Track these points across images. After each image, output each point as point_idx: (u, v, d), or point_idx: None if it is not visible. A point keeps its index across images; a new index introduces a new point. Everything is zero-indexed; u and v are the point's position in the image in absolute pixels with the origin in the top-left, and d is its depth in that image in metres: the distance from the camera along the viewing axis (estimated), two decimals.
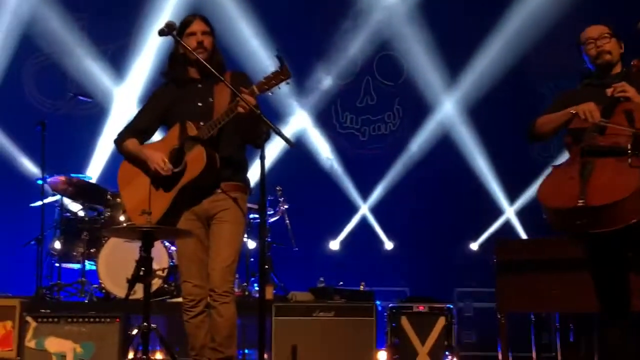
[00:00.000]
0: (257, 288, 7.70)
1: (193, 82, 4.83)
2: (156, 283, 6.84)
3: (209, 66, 4.56)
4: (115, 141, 4.97)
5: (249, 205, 7.99)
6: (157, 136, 5.08)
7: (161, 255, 7.13)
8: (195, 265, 4.72)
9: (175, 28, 4.59)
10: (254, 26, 9.71)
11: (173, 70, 4.88)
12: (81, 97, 8.81)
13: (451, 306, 6.87)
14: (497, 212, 9.85)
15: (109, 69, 9.90)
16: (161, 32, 4.56)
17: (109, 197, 7.78)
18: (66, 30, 9.85)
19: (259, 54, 9.54)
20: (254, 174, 4.86)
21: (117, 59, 9.95)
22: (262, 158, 4.41)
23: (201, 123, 4.64)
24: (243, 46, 9.43)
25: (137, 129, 4.95)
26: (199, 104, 4.76)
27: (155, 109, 4.95)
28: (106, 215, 7.81)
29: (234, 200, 4.72)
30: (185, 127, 4.68)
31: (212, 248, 4.70)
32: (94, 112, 9.79)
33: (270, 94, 4.57)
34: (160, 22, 8.96)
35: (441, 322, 6.68)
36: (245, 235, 8.03)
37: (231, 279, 4.71)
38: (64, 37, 9.86)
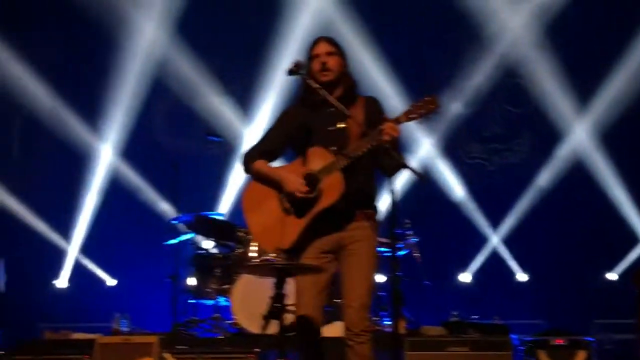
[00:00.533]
0: (388, 323, 7.64)
1: (324, 106, 4.61)
2: (289, 318, 6.85)
3: (336, 102, 4.48)
4: (244, 161, 4.77)
5: (380, 239, 8.02)
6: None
7: (293, 290, 7.14)
8: (315, 297, 4.55)
9: (303, 67, 4.56)
10: (377, 57, 9.73)
11: (304, 92, 4.69)
12: (211, 137, 9.01)
13: (591, 339, 6.61)
14: (636, 240, 9.46)
15: (238, 108, 10.11)
16: (290, 72, 4.54)
17: (240, 233, 7.88)
18: (196, 72, 10.13)
19: (382, 85, 9.55)
20: (381, 207, 4.78)
21: (246, 98, 10.12)
22: (393, 192, 4.28)
23: (333, 148, 4.50)
24: (367, 77, 9.45)
25: (266, 150, 4.75)
26: (331, 129, 4.59)
27: (284, 130, 4.76)
28: (238, 251, 7.92)
29: (367, 232, 4.58)
30: (318, 152, 4.54)
31: (345, 283, 4.53)
32: (223, 151, 9.99)
33: (417, 123, 4.40)
34: (287, 60, 9.24)
35: (581, 355, 6.43)
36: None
37: (367, 316, 4.52)
38: (194, 79, 10.14)
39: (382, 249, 7.75)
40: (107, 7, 9.81)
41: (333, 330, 6.70)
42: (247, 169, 4.76)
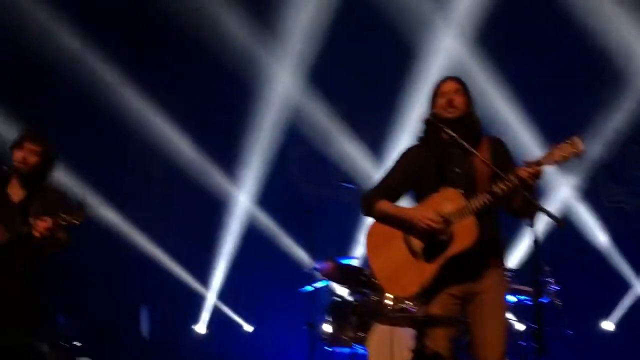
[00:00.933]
0: None
1: (448, 146, 4.52)
2: None
3: (462, 142, 4.39)
4: (366, 202, 4.67)
5: (519, 287, 7.84)
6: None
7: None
8: (444, 342, 4.40)
9: (439, 120, 4.49)
10: (512, 98, 9.58)
11: (427, 132, 4.62)
12: (345, 184, 9.05)
13: None
14: None
15: (370, 154, 10.14)
16: (426, 122, 4.53)
17: (375, 280, 7.83)
18: (328, 118, 10.25)
19: (517, 127, 9.40)
20: (519, 254, 4.65)
21: (378, 143, 10.14)
22: (537, 241, 4.14)
23: (461, 190, 4.38)
24: (501, 119, 9.33)
25: (388, 191, 4.65)
26: (457, 170, 4.47)
27: (407, 170, 4.65)
28: (374, 299, 7.87)
29: (499, 279, 4.45)
30: (448, 194, 4.42)
31: (480, 334, 4.39)
32: (357, 197, 9.98)
33: (558, 167, 4.27)
34: (419, 105, 9.23)
35: None
36: (515, 318, 7.81)
37: None
38: (328, 125, 10.26)
39: (523, 297, 7.64)
40: (244, 58, 10.06)
41: None
42: (370, 210, 4.66)
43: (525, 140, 9.30)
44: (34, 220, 4.99)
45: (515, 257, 8.74)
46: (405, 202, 4.71)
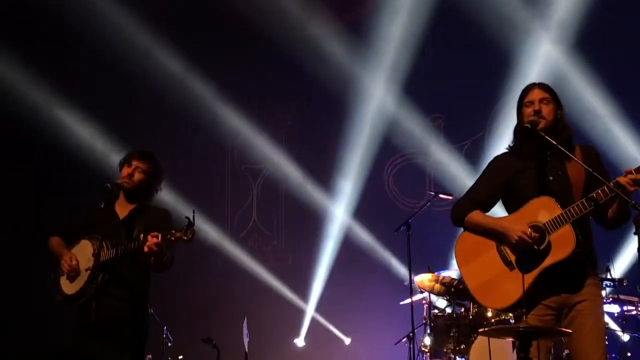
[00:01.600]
0: None
1: (540, 154, 4.43)
2: None
3: (557, 145, 4.30)
4: (457, 212, 4.60)
5: (625, 297, 7.63)
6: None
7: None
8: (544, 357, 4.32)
9: (536, 126, 4.38)
10: (613, 105, 9.35)
11: (517, 142, 4.54)
12: (441, 195, 8.99)
13: None
14: None
15: (466, 164, 10.05)
16: (523, 130, 4.43)
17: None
18: (424, 129, 10.22)
19: (619, 135, 9.16)
20: (625, 263, 4.54)
21: (473, 153, 10.06)
22: None
23: (554, 199, 4.28)
24: (602, 126, 9.11)
25: (479, 200, 4.57)
26: (550, 178, 4.38)
27: (497, 180, 4.56)
28: (473, 311, 7.80)
29: (596, 290, 4.36)
30: (543, 203, 4.31)
31: (579, 349, 4.28)
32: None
33: None
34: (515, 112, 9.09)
35: None
36: (619, 329, 7.61)
37: None
38: (422, 137, 10.23)
39: (629, 307, 7.45)
40: (340, 73, 10.14)
41: None
42: (460, 221, 4.58)
43: (627, 145, 9.04)
44: (144, 235, 5.04)
45: (620, 266, 8.51)
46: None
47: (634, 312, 7.53)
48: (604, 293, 7.02)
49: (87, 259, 5.28)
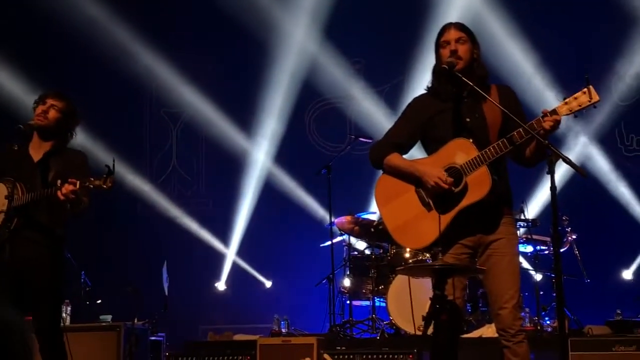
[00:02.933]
0: (549, 322, 7.47)
1: (458, 96, 4.42)
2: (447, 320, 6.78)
3: (475, 87, 4.27)
4: (375, 155, 4.59)
5: (538, 237, 7.86)
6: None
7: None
8: (459, 294, 4.35)
9: (453, 67, 4.33)
10: (528, 48, 9.49)
11: (436, 82, 4.50)
12: (362, 139, 9.05)
13: None
14: None
15: (386, 108, 10.11)
16: (443, 70, 4.35)
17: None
18: (345, 74, 10.22)
19: (533, 77, 9.34)
20: (538, 204, 4.65)
21: (393, 97, 10.10)
22: (553, 189, 4.12)
23: (471, 140, 4.31)
24: (517, 69, 9.25)
25: (397, 142, 4.56)
26: (467, 119, 4.38)
27: (415, 122, 4.55)
28: (392, 252, 7.93)
29: (510, 229, 4.42)
30: (461, 145, 4.35)
31: (494, 284, 4.37)
32: None
33: (575, 116, 4.19)
34: (434, 57, 9.16)
35: None
36: (532, 268, 7.85)
37: (520, 316, 4.40)
38: (343, 81, 10.23)
39: (542, 248, 7.68)
40: (257, 15, 10.04)
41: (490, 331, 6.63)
42: (379, 164, 4.58)
43: (540, 88, 9.22)
44: (61, 181, 4.91)
45: (534, 207, 8.73)
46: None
47: (547, 252, 7.78)
48: (518, 234, 7.21)
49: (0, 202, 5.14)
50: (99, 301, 8.49)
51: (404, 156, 4.58)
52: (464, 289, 4.48)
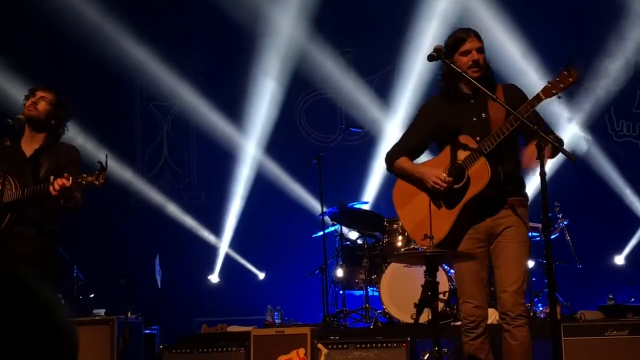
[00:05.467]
0: (542, 308, 7.49)
1: (465, 98, 4.67)
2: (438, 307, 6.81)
3: (481, 87, 4.43)
4: (387, 161, 4.86)
5: (530, 224, 7.86)
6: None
7: (441, 278, 7.09)
8: (476, 286, 4.59)
9: (444, 52, 4.49)
10: (517, 38, 9.47)
11: (446, 85, 4.71)
12: (352, 129, 9.05)
13: None
14: None
15: (376, 98, 10.11)
16: (430, 58, 4.45)
17: (385, 223, 7.89)
18: (334, 64, 10.21)
19: (524, 67, 9.32)
20: (529, 191, 4.71)
21: (383, 87, 10.11)
22: (543, 175, 4.19)
23: (477, 138, 4.51)
24: (510, 65, 9.24)
25: (409, 147, 4.83)
26: (474, 119, 4.60)
27: (426, 125, 4.82)
28: (384, 241, 7.94)
29: (518, 217, 4.55)
30: (462, 142, 4.55)
31: (499, 268, 4.54)
32: (364, 141, 10.03)
33: (559, 97, 4.30)
34: (423, 46, 9.17)
35: None
36: None
37: (523, 301, 4.55)
38: (333, 71, 10.22)
39: (533, 234, 7.69)
40: (246, 6, 10.01)
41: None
42: (391, 167, 4.84)
43: (530, 76, 9.21)
44: (54, 177, 4.89)
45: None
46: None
47: (538, 238, 7.79)
48: None
49: None
50: (92, 295, 8.49)
51: (418, 159, 4.87)
52: (482, 280, 4.64)
